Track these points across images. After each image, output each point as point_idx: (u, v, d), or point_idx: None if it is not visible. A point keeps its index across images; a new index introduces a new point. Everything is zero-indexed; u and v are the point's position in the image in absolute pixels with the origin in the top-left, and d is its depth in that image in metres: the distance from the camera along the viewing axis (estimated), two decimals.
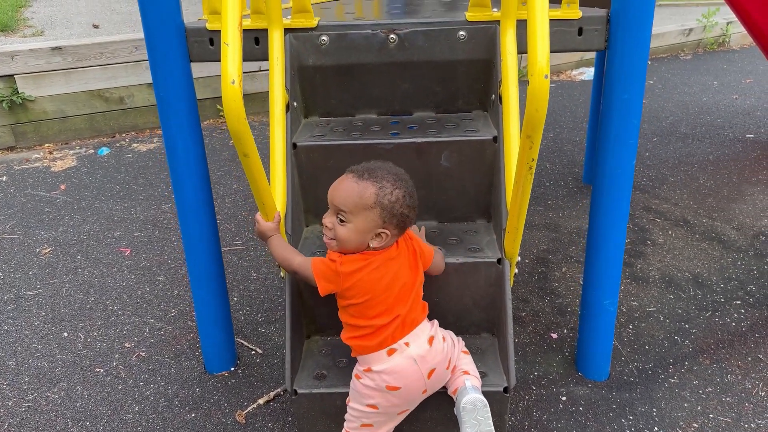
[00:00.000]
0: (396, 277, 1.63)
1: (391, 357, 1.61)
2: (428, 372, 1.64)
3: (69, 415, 2.15)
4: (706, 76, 6.28)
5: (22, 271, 3.05)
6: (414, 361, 1.61)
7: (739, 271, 2.90)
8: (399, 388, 1.62)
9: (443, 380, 1.71)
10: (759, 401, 2.12)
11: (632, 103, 1.85)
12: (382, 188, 1.59)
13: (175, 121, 1.93)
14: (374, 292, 1.61)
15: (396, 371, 1.61)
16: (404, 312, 1.63)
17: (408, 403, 1.68)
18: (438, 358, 1.65)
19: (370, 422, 1.69)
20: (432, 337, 1.66)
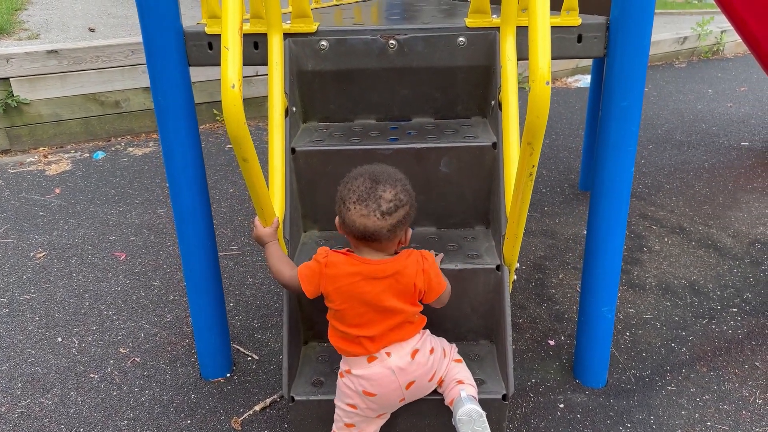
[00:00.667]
0: (378, 299, 1.59)
1: (370, 364, 1.61)
2: (407, 384, 1.63)
3: (63, 421, 2.12)
4: (700, 84, 6.31)
5: (15, 275, 3.03)
6: (392, 371, 1.60)
7: (735, 278, 2.90)
8: (375, 395, 1.62)
9: (425, 391, 1.70)
10: (756, 409, 2.12)
11: (631, 110, 1.86)
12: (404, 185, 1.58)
13: (173, 125, 1.92)
14: (351, 303, 1.60)
15: (373, 379, 1.60)
16: (382, 333, 1.60)
17: (384, 408, 1.68)
18: (419, 371, 1.63)
19: (351, 422, 1.69)
20: (416, 350, 1.64)
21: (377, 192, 1.53)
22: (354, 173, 1.60)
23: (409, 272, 1.60)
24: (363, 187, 1.54)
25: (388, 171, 1.59)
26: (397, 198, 1.55)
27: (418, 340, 1.66)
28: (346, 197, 1.56)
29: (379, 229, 1.54)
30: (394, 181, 1.56)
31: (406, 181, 1.60)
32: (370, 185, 1.54)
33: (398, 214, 1.55)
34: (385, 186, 1.54)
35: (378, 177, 1.56)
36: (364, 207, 1.53)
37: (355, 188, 1.55)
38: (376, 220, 1.53)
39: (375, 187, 1.54)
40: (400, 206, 1.55)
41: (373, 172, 1.58)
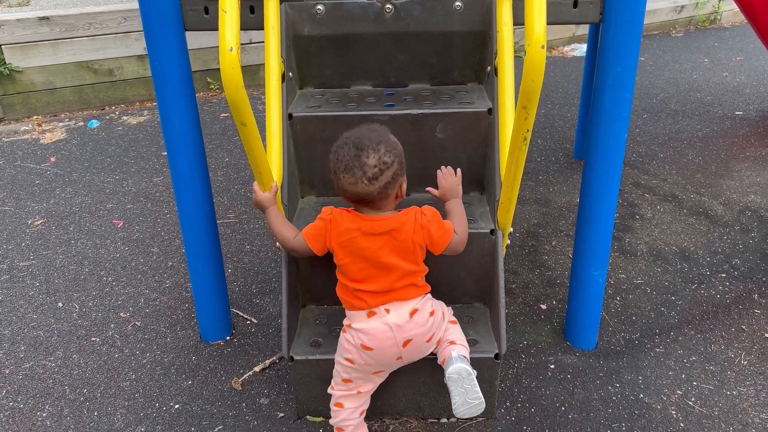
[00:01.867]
0: (376, 255, 1.65)
1: (370, 319, 1.67)
2: (403, 341, 1.68)
3: (66, 382, 2.17)
4: (697, 54, 6.29)
5: (14, 242, 3.05)
6: (390, 328, 1.66)
7: (724, 245, 2.95)
8: (372, 349, 1.67)
9: (422, 352, 1.75)
10: (741, 370, 2.19)
11: (625, 76, 1.87)
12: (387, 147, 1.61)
13: (170, 90, 1.93)
14: (353, 258, 1.67)
15: (371, 333, 1.66)
16: (384, 288, 1.66)
17: (381, 365, 1.73)
18: (417, 330, 1.68)
19: (349, 377, 1.75)
20: (416, 310, 1.69)
21: (361, 159, 1.58)
22: (340, 141, 1.64)
23: (407, 229, 1.66)
24: (348, 156, 1.59)
25: (370, 135, 1.62)
26: (381, 162, 1.59)
27: (419, 302, 1.71)
28: (335, 167, 1.62)
29: (369, 194, 1.61)
30: (376, 144, 1.60)
31: (389, 141, 1.63)
32: (354, 153, 1.58)
33: (385, 177, 1.60)
34: (368, 152, 1.58)
35: (361, 143, 1.59)
36: (351, 176, 1.59)
37: (341, 157, 1.60)
38: (364, 186, 1.59)
39: (359, 154, 1.58)
40: (385, 169, 1.59)
41: (356, 138, 1.61)
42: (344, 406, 1.76)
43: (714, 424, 1.96)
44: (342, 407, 1.76)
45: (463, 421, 1.96)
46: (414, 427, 1.95)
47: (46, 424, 2.00)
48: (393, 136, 1.68)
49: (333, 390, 1.79)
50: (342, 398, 1.77)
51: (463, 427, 1.95)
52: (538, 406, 2.04)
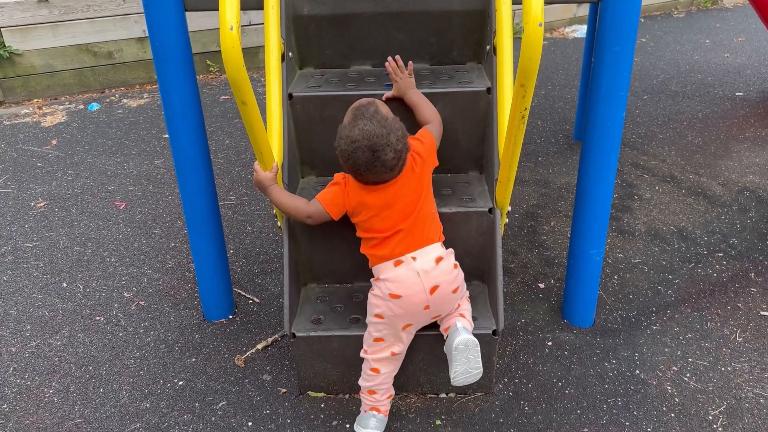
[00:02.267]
0: (396, 197, 1.74)
1: (397, 267, 1.73)
2: (431, 287, 1.72)
3: (72, 360, 2.21)
4: (698, 35, 6.27)
5: (18, 224, 3.08)
6: (417, 273, 1.72)
7: (722, 224, 2.98)
8: (400, 297, 1.72)
9: (447, 302, 1.78)
10: (736, 346, 2.22)
11: (623, 56, 1.88)
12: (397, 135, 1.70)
13: (171, 71, 1.94)
14: (376, 209, 1.75)
15: (399, 280, 1.72)
16: (407, 226, 1.74)
17: (410, 315, 1.76)
18: (443, 277, 1.74)
19: (380, 335, 1.79)
20: (440, 257, 1.75)
21: (380, 159, 1.67)
22: (349, 145, 1.68)
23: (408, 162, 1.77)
24: (365, 158, 1.67)
25: (376, 131, 1.66)
26: (396, 151, 1.69)
27: (443, 252, 1.78)
28: (355, 168, 1.72)
29: (391, 177, 1.75)
30: (387, 137, 1.66)
31: (392, 127, 1.69)
32: (371, 155, 1.67)
33: (402, 158, 1.73)
34: (384, 150, 1.67)
35: (374, 145, 1.66)
36: (373, 171, 1.70)
37: (359, 160, 1.68)
38: (387, 174, 1.73)
39: (376, 155, 1.67)
40: (401, 155, 1.71)
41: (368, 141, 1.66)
42: (381, 371, 1.81)
43: (708, 398, 2.00)
44: (378, 372, 1.81)
45: (461, 396, 2.00)
46: (413, 402, 1.99)
47: (53, 401, 2.04)
48: (385, 109, 1.76)
49: (366, 354, 1.83)
50: (378, 362, 1.81)
51: (462, 402, 1.99)
52: (535, 381, 2.07)
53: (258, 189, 1.87)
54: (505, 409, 1.97)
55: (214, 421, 1.95)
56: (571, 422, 1.92)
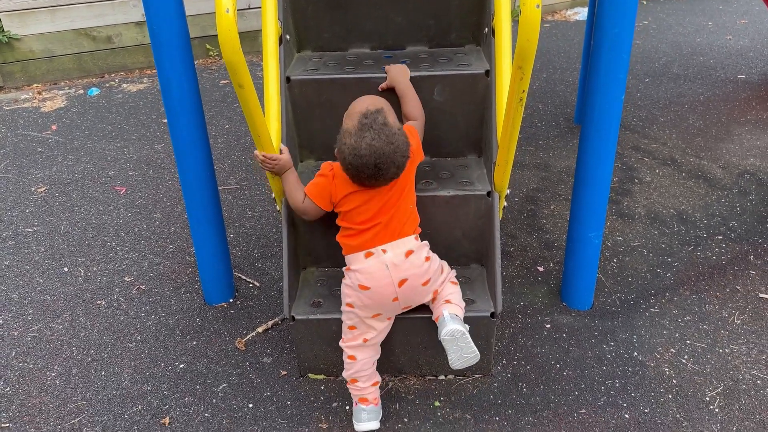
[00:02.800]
0: (380, 193, 1.75)
1: (367, 259, 1.75)
2: (399, 280, 1.73)
3: (74, 343, 2.23)
4: (701, 17, 6.21)
5: (18, 209, 3.09)
6: (386, 266, 1.73)
7: (722, 207, 2.97)
8: (369, 288, 1.74)
9: (417, 295, 1.79)
10: (734, 328, 2.23)
11: (622, 38, 1.87)
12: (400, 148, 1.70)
13: (169, 55, 1.94)
14: (358, 203, 1.75)
15: (368, 272, 1.73)
16: (385, 220, 1.75)
17: (379, 306, 1.78)
18: (412, 270, 1.74)
19: (352, 323, 1.82)
20: (411, 251, 1.75)
21: (383, 174, 1.69)
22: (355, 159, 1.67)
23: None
24: (369, 172, 1.68)
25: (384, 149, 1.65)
26: (399, 168, 1.71)
27: (415, 245, 1.78)
28: (357, 178, 1.72)
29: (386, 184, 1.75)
30: (393, 155, 1.66)
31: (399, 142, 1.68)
32: (374, 171, 1.67)
33: (401, 170, 1.73)
34: (389, 168, 1.68)
35: (380, 163, 1.66)
36: (377, 181, 1.71)
37: (362, 173, 1.69)
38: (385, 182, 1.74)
39: (379, 171, 1.67)
40: (402, 167, 1.72)
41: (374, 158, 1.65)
42: (357, 358, 1.82)
43: (706, 380, 2.01)
44: (355, 359, 1.82)
45: (460, 377, 2.02)
46: (413, 384, 2.01)
47: (55, 384, 2.06)
48: (392, 117, 1.74)
49: (343, 343, 1.84)
50: (353, 350, 1.82)
51: (461, 384, 2.00)
52: (534, 363, 2.09)
53: (275, 171, 1.84)
54: (504, 390, 1.98)
55: (215, 403, 1.97)
56: (569, 403, 1.94)
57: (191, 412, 1.93)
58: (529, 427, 1.86)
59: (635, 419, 1.88)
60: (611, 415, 1.89)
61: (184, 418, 1.92)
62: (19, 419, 1.93)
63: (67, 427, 1.90)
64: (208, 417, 1.92)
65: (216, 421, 1.90)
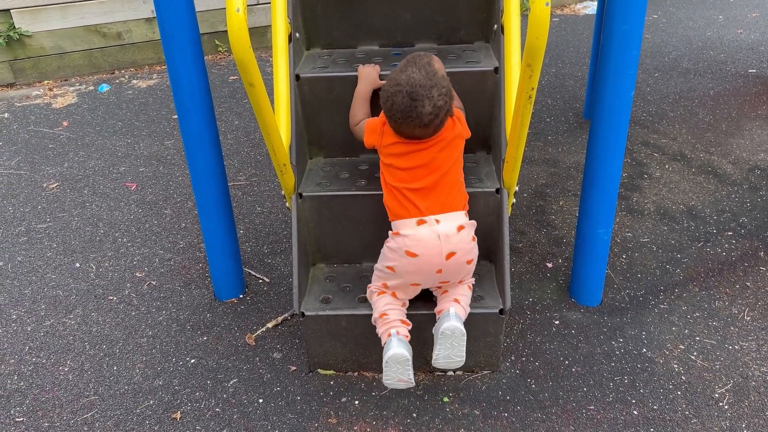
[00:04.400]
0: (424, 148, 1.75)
1: (419, 227, 1.75)
2: (447, 253, 1.74)
3: (86, 339, 2.26)
4: (711, 11, 6.16)
5: (31, 205, 3.12)
6: (438, 237, 1.73)
7: (732, 203, 2.96)
8: (417, 256, 1.74)
9: (459, 271, 1.80)
10: (744, 325, 2.23)
11: (632, 34, 1.86)
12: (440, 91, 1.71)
13: (179, 51, 1.95)
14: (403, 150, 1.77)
15: (419, 239, 1.74)
16: (431, 183, 1.75)
17: (422, 275, 1.78)
18: (461, 245, 1.75)
19: (388, 284, 1.84)
20: (463, 226, 1.76)
21: (417, 109, 1.66)
22: (392, 87, 1.69)
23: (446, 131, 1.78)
24: (403, 105, 1.67)
25: (421, 81, 1.66)
26: (435, 107, 1.68)
27: (466, 222, 1.79)
28: (390, 114, 1.71)
29: (425, 134, 1.73)
30: (429, 89, 1.66)
31: (439, 83, 1.68)
32: (409, 103, 1.66)
33: (439, 118, 1.70)
34: (422, 102, 1.66)
35: (415, 93, 1.66)
36: (408, 122, 1.69)
37: (396, 105, 1.68)
38: (421, 130, 1.71)
39: (414, 105, 1.66)
40: (439, 113, 1.69)
41: (410, 87, 1.66)
42: (386, 292, 1.85)
43: (715, 377, 2.01)
44: (384, 293, 1.85)
45: (468, 373, 2.03)
46: (421, 379, 2.02)
47: (68, 378, 2.09)
48: (439, 64, 1.74)
49: (369, 288, 1.88)
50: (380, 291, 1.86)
51: (469, 379, 2.01)
52: (543, 359, 2.09)
53: (362, 75, 1.92)
54: (512, 386, 1.99)
55: (226, 398, 1.99)
56: (578, 400, 1.94)
57: (202, 407, 1.96)
58: (538, 423, 1.87)
59: (644, 415, 1.88)
60: (620, 412, 1.90)
61: (195, 413, 1.94)
62: (33, 413, 1.96)
63: (80, 422, 1.92)
64: (218, 412, 1.94)
65: (227, 416, 1.92)
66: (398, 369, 1.72)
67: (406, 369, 1.72)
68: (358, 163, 2.15)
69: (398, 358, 1.70)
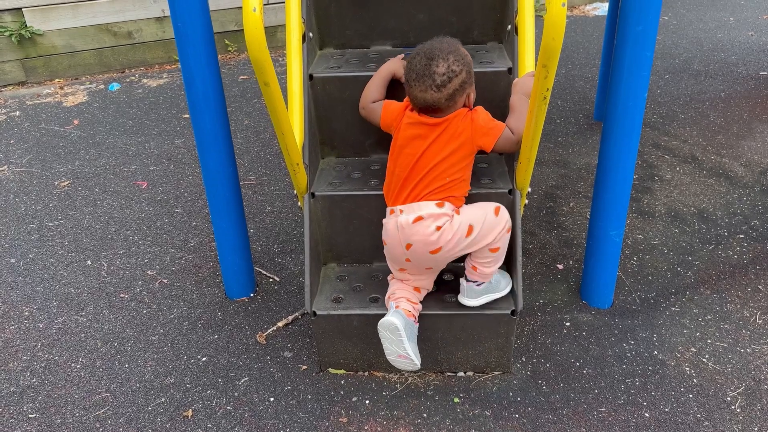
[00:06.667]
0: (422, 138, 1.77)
1: (390, 216, 1.84)
2: (405, 243, 1.78)
3: (98, 336, 2.27)
4: (722, 12, 6.14)
5: (42, 203, 3.14)
6: (397, 227, 1.78)
7: (744, 206, 2.95)
8: (386, 244, 1.86)
9: (428, 261, 1.81)
10: (756, 328, 2.22)
11: (646, 35, 1.86)
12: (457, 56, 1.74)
13: (193, 51, 1.96)
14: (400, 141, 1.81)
15: (386, 228, 1.84)
16: (405, 175, 1.78)
17: (396, 262, 1.86)
18: (416, 237, 1.76)
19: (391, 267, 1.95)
20: (420, 218, 1.75)
21: (431, 68, 1.70)
22: (414, 52, 1.75)
23: (457, 120, 1.78)
24: (419, 66, 1.71)
25: (441, 46, 1.72)
26: (450, 70, 1.70)
27: (430, 212, 1.75)
28: (407, 76, 1.75)
29: (437, 100, 1.73)
30: (446, 54, 1.70)
31: (459, 52, 1.73)
32: (425, 63, 1.70)
33: (453, 84, 1.71)
34: (437, 61, 1.70)
35: (431, 53, 1.71)
36: (421, 83, 1.71)
37: (413, 67, 1.73)
38: (433, 93, 1.72)
39: (429, 64, 1.70)
40: (453, 77, 1.71)
41: (428, 49, 1.72)
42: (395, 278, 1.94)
43: (727, 380, 2.00)
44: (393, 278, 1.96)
45: (479, 374, 2.03)
46: (432, 380, 2.02)
47: (80, 375, 2.10)
48: (463, 49, 1.77)
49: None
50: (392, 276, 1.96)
51: (480, 380, 2.01)
52: (554, 361, 2.09)
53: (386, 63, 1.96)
54: (523, 387, 1.99)
55: (237, 396, 1.99)
56: (589, 402, 1.94)
57: (213, 405, 1.96)
58: (549, 424, 1.86)
59: (655, 418, 1.88)
60: (631, 414, 1.89)
61: (206, 411, 1.94)
62: (46, 410, 1.97)
63: (92, 418, 1.93)
64: (230, 410, 1.94)
65: (238, 414, 1.93)
66: (391, 339, 1.77)
67: (400, 340, 1.76)
68: (370, 163, 2.15)
69: (387, 326, 1.76)
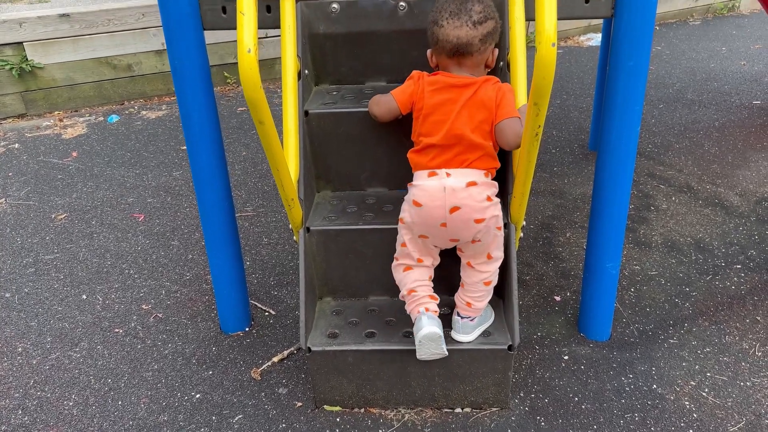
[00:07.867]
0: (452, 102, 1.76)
1: (429, 178, 1.77)
2: (451, 207, 1.73)
3: (91, 372, 2.25)
4: (714, 42, 6.23)
5: (39, 236, 3.14)
6: (444, 189, 1.73)
7: (740, 236, 2.95)
8: (421, 206, 1.76)
9: (466, 229, 1.76)
10: (755, 361, 2.20)
11: (638, 70, 1.88)
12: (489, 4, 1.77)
13: (190, 89, 1.98)
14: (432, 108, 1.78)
15: (425, 190, 1.76)
16: (446, 142, 1.76)
17: (426, 227, 1.79)
18: (468, 201, 1.73)
19: (404, 240, 1.86)
20: (474, 183, 1.74)
21: (467, 6, 1.72)
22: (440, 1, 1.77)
23: (487, 86, 1.77)
24: (454, 5, 1.73)
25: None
26: (486, 10, 1.74)
27: (483, 180, 1.77)
28: (438, 17, 1.74)
29: (471, 39, 1.73)
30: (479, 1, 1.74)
31: (488, 5, 1.75)
32: (459, 2, 1.73)
33: (488, 25, 1.74)
34: (473, 2, 1.73)
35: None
36: (457, 19, 1.72)
37: (446, 7, 1.74)
38: (468, 30, 1.72)
39: (465, 2, 1.73)
40: (489, 17, 1.74)
41: None
42: (413, 267, 1.88)
43: (727, 414, 1.98)
44: (411, 269, 1.87)
45: (477, 410, 2.00)
46: (429, 417, 2.00)
47: (72, 413, 2.07)
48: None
49: (396, 260, 1.91)
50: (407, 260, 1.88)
51: (478, 417, 1.99)
52: (552, 396, 2.07)
53: None
54: (522, 424, 1.96)
55: None
56: None
57: None
58: None
59: None
60: None
61: None
62: None
63: None
64: None
65: None
66: (432, 345, 1.79)
67: (439, 345, 1.80)
68: (366, 197, 2.16)
69: (431, 336, 1.78)
